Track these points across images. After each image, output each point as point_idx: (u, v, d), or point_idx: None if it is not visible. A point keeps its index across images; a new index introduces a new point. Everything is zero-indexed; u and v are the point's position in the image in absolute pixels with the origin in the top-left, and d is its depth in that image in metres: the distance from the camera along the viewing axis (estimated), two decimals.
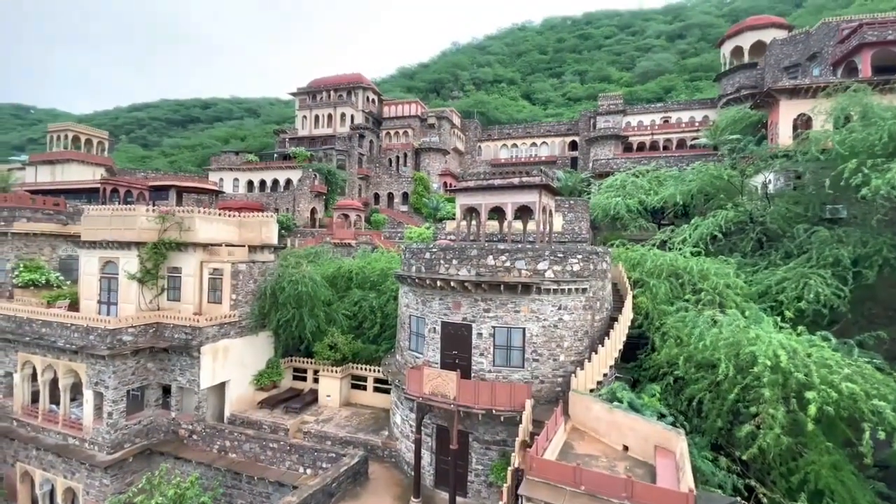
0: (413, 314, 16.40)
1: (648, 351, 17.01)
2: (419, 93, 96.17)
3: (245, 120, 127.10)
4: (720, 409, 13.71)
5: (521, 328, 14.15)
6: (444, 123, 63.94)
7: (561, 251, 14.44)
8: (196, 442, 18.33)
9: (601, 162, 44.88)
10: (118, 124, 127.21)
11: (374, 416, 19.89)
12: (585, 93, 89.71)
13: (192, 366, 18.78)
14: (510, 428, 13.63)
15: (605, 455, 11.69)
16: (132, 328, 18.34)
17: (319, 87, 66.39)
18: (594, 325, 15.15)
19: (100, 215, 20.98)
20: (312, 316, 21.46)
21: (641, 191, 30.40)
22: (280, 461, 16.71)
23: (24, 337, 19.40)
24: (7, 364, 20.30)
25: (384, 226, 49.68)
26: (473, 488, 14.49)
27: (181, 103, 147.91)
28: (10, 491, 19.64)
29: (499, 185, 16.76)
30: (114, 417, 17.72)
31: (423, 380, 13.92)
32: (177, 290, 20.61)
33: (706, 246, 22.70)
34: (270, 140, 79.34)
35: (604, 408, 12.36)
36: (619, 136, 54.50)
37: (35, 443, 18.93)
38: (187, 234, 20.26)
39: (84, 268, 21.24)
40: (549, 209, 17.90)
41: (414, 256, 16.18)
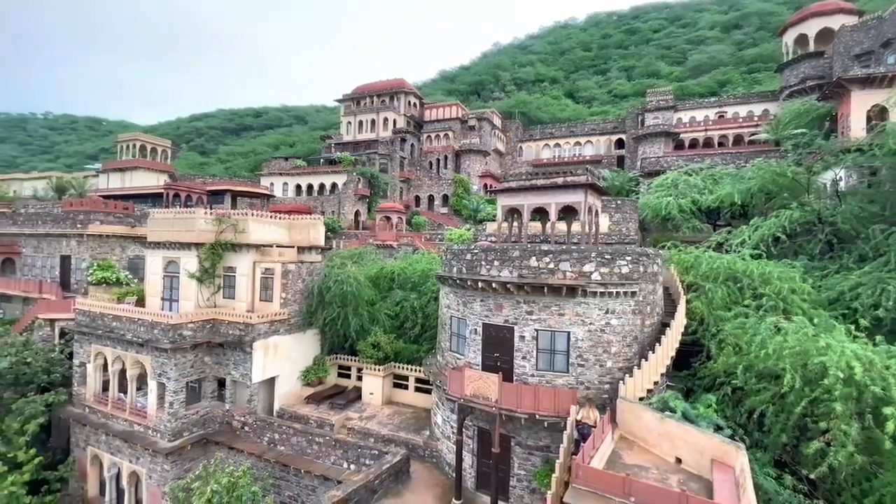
0: (454, 315, 16.37)
1: (703, 359, 16.06)
2: (460, 95, 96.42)
3: (294, 127, 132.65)
4: (785, 423, 12.69)
5: (565, 332, 13.76)
6: (485, 125, 63.74)
7: (608, 252, 13.92)
8: (248, 434, 19.20)
9: (650, 160, 43.03)
10: (179, 133, 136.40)
11: (416, 416, 20.04)
12: (632, 89, 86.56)
13: (245, 361, 19.72)
14: (554, 434, 13.28)
15: (656, 466, 11.12)
16: (191, 324, 19.51)
17: (363, 94, 68.15)
18: (644, 330, 14.48)
19: (163, 218, 22.52)
20: (356, 315, 21.97)
21: (695, 190, 28.86)
22: (325, 456, 17.17)
23: (97, 330, 21.09)
24: (82, 355, 22.13)
25: (425, 228, 50.14)
26: (515, 493, 14.24)
27: (235, 112, 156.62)
28: (81, 473, 21.38)
29: (542, 184, 16.43)
30: (174, 407, 18.91)
31: (465, 381, 13.84)
32: (231, 288, 21.72)
33: (768, 248, 21.19)
34: (317, 145, 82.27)
35: (655, 417, 11.76)
36: (669, 132, 52.08)
37: (104, 429, 20.51)
38: (241, 235, 21.32)
39: (149, 267, 22.85)
40: (596, 209, 17.34)
41: (455, 258, 16.16)
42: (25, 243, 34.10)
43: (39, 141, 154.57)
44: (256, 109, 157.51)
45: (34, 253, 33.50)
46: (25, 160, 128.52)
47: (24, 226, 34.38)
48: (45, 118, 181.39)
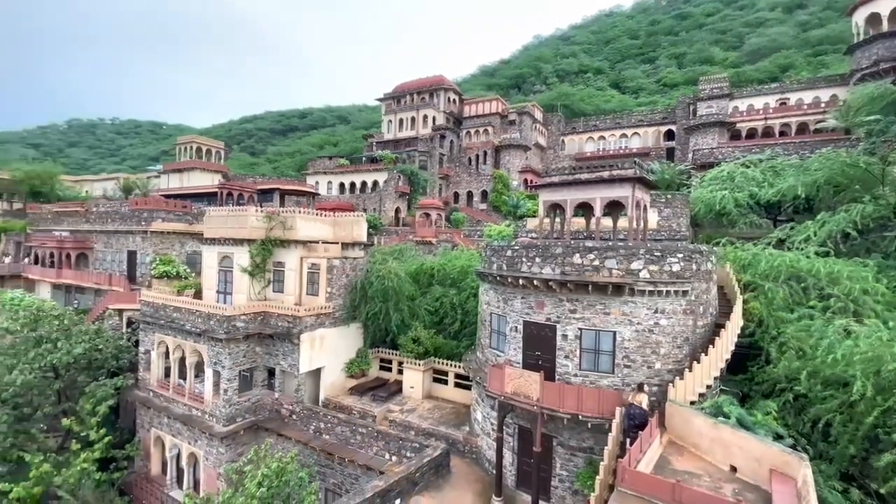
0: (494, 312, 16.27)
1: (762, 363, 15.09)
2: (500, 90, 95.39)
3: (337, 126, 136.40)
4: (854, 433, 11.73)
5: (611, 331, 13.33)
6: (525, 119, 62.75)
7: (658, 249, 13.34)
8: (295, 422, 20.03)
9: (703, 152, 40.79)
10: (231, 135, 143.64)
11: (455, 411, 20.14)
12: (683, 78, 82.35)
13: (293, 351, 20.56)
14: (598, 436, 12.95)
15: (708, 474, 10.58)
16: (244, 315, 20.55)
17: (403, 92, 68.89)
18: (696, 331, 13.79)
19: (218, 216, 23.81)
20: (397, 310, 22.34)
21: (753, 183, 27.00)
22: (368, 446, 17.62)
23: (160, 320, 22.65)
24: (146, 343, 23.86)
25: (464, 224, 50.13)
26: (557, 494, 14.02)
27: (282, 114, 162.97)
28: (145, 452, 23.10)
29: (586, 178, 15.94)
30: (228, 394, 20.03)
31: (505, 378, 13.75)
32: (280, 282, 22.69)
33: (836, 246, 19.57)
34: (359, 144, 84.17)
35: (707, 422, 11.19)
36: (724, 122, 49.21)
37: (166, 412, 22.04)
38: (289, 232, 22.19)
39: (205, 261, 24.27)
40: (644, 204, 16.63)
41: (495, 254, 16.03)
42: (97, 239, 37.16)
43: (107, 144, 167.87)
44: (302, 110, 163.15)
45: (104, 248, 36.44)
46: (95, 162, 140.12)
47: (95, 223, 37.48)
48: (112, 123, 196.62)
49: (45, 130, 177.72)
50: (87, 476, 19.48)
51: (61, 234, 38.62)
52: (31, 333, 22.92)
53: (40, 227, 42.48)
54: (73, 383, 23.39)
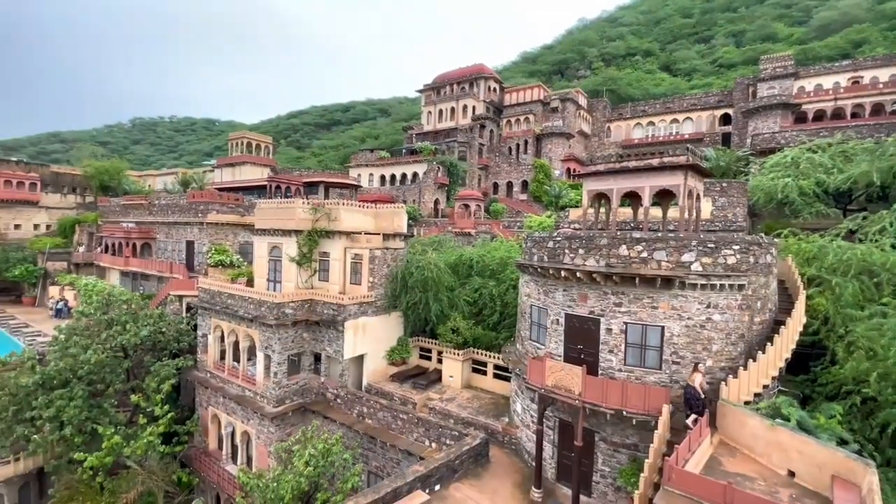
0: (534, 304, 16.06)
1: (826, 363, 14.07)
2: (542, 76, 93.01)
3: (378, 119, 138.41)
4: None
5: (658, 326, 12.82)
6: (569, 106, 60.85)
7: (712, 241, 12.62)
8: (340, 405, 20.79)
9: (764, 136, 37.93)
10: (278, 130, 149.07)
11: (494, 402, 20.18)
12: (742, 57, 76.93)
13: (338, 338, 21.29)
14: (642, 433, 12.56)
15: (763, 478, 10.04)
16: (292, 303, 21.46)
17: (443, 82, 68.67)
18: (752, 327, 13.00)
19: (267, 207, 24.89)
20: (437, 300, 22.56)
21: (820, 169, 24.88)
22: (409, 432, 18.02)
23: (216, 306, 24.06)
24: (204, 327, 25.44)
25: (503, 215, 49.65)
26: (599, 489, 13.78)
27: (326, 108, 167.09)
28: (203, 428, 24.76)
29: (634, 166, 15.26)
30: (278, 377, 21.07)
31: (546, 371, 13.56)
32: (326, 271, 23.51)
33: None
34: (400, 136, 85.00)
35: (763, 424, 10.58)
36: (788, 104, 45.61)
37: (222, 392, 23.49)
38: (334, 223, 22.88)
39: (257, 251, 25.50)
40: (697, 193, 15.74)
41: (536, 245, 15.76)
42: (159, 230, 39.89)
43: (167, 141, 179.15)
44: (344, 104, 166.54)
45: (166, 238, 39.07)
46: (156, 158, 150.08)
47: (157, 215, 40.23)
48: (170, 121, 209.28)
49: (112, 129, 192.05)
50: (152, 448, 21.18)
51: (128, 225, 41.77)
52: (103, 316, 25.00)
53: (109, 219, 46.12)
54: (139, 363, 25.38)
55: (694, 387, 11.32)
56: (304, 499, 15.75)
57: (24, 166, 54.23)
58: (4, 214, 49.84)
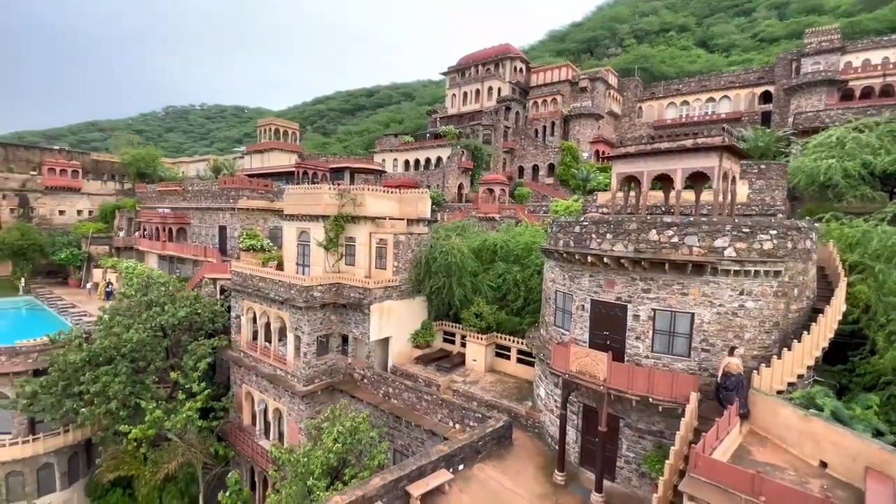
0: (559, 290, 15.93)
1: (865, 353, 13.48)
2: (570, 55, 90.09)
3: (402, 104, 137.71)
4: None
5: (688, 313, 12.52)
6: (598, 85, 59.00)
7: (747, 225, 12.15)
8: (366, 385, 21.38)
9: (807, 115, 35.80)
10: (304, 116, 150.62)
11: (518, 386, 20.31)
12: (785, 31, 72.49)
13: (364, 321, 21.78)
14: (669, 420, 12.43)
15: (794, 468, 9.82)
16: (320, 286, 22.03)
17: (468, 64, 67.49)
18: (788, 315, 12.56)
19: (295, 193, 25.42)
20: (460, 285, 22.67)
21: (867, 150, 23.35)
22: (433, 413, 18.41)
23: (248, 289, 24.92)
24: (237, 308, 26.44)
25: (528, 199, 48.98)
26: (623, 474, 13.79)
27: (350, 93, 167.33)
28: (238, 405, 25.96)
29: (666, 148, 14.74)
30: (307, 357, 21.79)
31: (570, 357, 13.52)
32: (352, 256, 23.95)
33: None
34: (424, 121, 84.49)
35: (796, 414, 10.29)
36: (834, 80, 42.87)
37: (254, 370, 24.49)
38: (359, 208, 23.18)
39: (286, 236, 26.16)
40: (733, 175, 15.11)
41: (561, 230, 15.55)
42: (193, 215, 41.34)
43: (198, 129, 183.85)
44: (368, 89, 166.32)
45: (199, 223, 40.48)
46: (189, 145, 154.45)
47: (191, 201, 41.65)
48: (201, 108, 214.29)
49: (146, 117, 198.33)
50: (191, 422, 22.42)
51: (164, 211, 43.47)
52: (143, 298, 26.32)
53: (147, 205, 48.10)
54: (178, 342, 26.68)
55: (732, 373, 11.13)
56: (333, 473, 16.40)
57: (67, 154, 56.96)
58: (49, 201, 52.64)
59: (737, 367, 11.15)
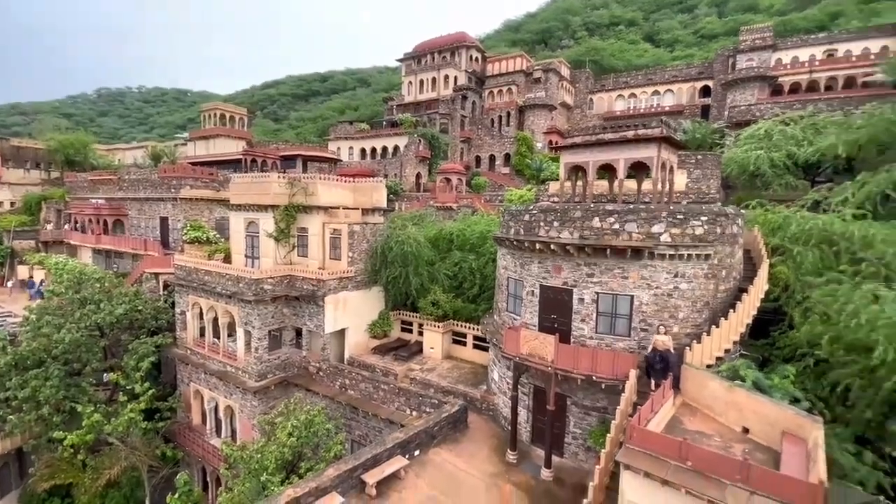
0: (511, 276, 16.37)
1: (785, 328, 14.85)
2: (525, 46, 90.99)
3: (358, 90, 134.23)
4: (872, 398, 11.60)
5: (628, 295, 13.27)
6: (551, 76, 60.16)
7: (681, 212, 12.97)
8: (322, 378, 21.12)
9: (740, 109, 38.39)
10: (254, 101, 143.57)
11: (473, 371, 20.76)
12: (724, 28, 76.72)
13: (318, 313, 21.40)
14: (611, 396, 13.18)
15: (720, 435, 10.73)
16: (271, 279, 21.38)
17: (424, 51, 66.75)
18: (717, 295, 13.58)
19: (242, 182, 24.38)
20: (417, 274, 22.73)
21: (792, 141, 25.48)
22: (390, 402, 18.51)
23: (193, 283, 23.79)
24: (181, 304, 25.20)
25: (485, 189, 49.55)
26: (570, 450, 14.52)
27: (303, 78, 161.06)
28: (186, 404, 24.90)
29: (609, 139, 15.35)
30: (259, 352, 21.18)
31: (521, 340, 13.99)
32: (305, 247, 23.36)
33: (875, 208, 18.53)
34: (380, 108, 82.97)
35: (722, 385, 11.23)
36: (765, 76, 45.98)
37: (203, 368, 23.54)
38: (311, 197, 22.58)
39: (233, 227, 25.10)
40: (671, 165, 15.99)
41: (513, 219, 15.95)
42: (130, 206, 38.72)
43: (136, 113, 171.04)
44: (322, 74, 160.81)
45: (138, 215, 37.99)
46: (126, 131, 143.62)
47: (128, 191, 38.94)
48: (139, 91, 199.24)
49: (76, 100, 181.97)
50: (134, 425, 21.28)
51: (97, 202, 40.37)
52: (76, 295, 24.50)
53: (77, 196, 44.46)
54: (117, 341, 25.13)
55: (657, 349, 11.91)
56: (289, 468, 16.15)
57: None
58: None
59: (663, 344, 11.96)
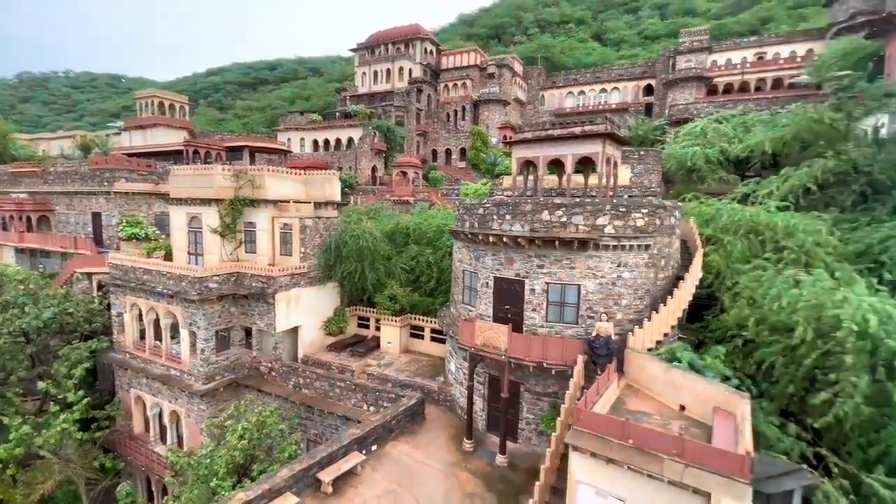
0: (466, 269, 16.60)
1: (717, 312, 15.99)
2: (479, 40, 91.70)
3: (309, 80, 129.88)
4: (794, 374, 12.75)
5: (576, 285, 13.85)
6: (505, 72, 61.01)
7: (623, 205, 13.65)
8: (274, 378, 20.51)
9: (679, 107, 40.70)
10: (196, 89, 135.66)
11: (431, 363, 20.92)
12: (666, 30, 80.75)
13: (269, 311, 20.71)
14: (562, 381, 13.73)
15: (660, 413, 11.47)
16: (216, 276, 20.42)
17: (378, 41, 65.59)
18: (657, 283, 14.43)
19: (183, 175, 23.02)
20: (373, 269, 22.50)
21: (724, 139, 27.32)
22: (346, 398, 18.30)
23: (131, 283, 22.31)
24: (118, 305, 23.60)
25: (442, 183, 49.68)
26: (524, 435, 15.01)
27: (250, 66, 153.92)
28: (126, 411, 23.43)
29: (558, 135, 15.89)
30: (205, 353, 20.24)
31: (476, 331, 14.26)
32: (253, 243, 22.45)
33: (797, 200, 20.27)
34: (333, 98, 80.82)
35: (661, 367, 11.99)
36: (702, 77, 48.93)
37: (144, 372, 22.20)
38: (259, 191, 21.71)
39: (174, 222, 23.69)
40: (615, 161, 16.78)
41: (467, 212, 16.15)
42: (58, 201, 35.59)
43: (63, 100, 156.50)
44: (271, 62, 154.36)
45: (67, 210, 35.01)
46: (51, 119, 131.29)
47: (55, 184, 35.75)
48: (66, 76, 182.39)
49: None
50: (67, 436, 19.80)
51: (19, 196, 36.80)
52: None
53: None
54: (45, 347, 23.23)
55: (600, 335, 12.52)
56: (241, 471, 15.64)
57: None
58: None
59: (606, 330, 12.63)
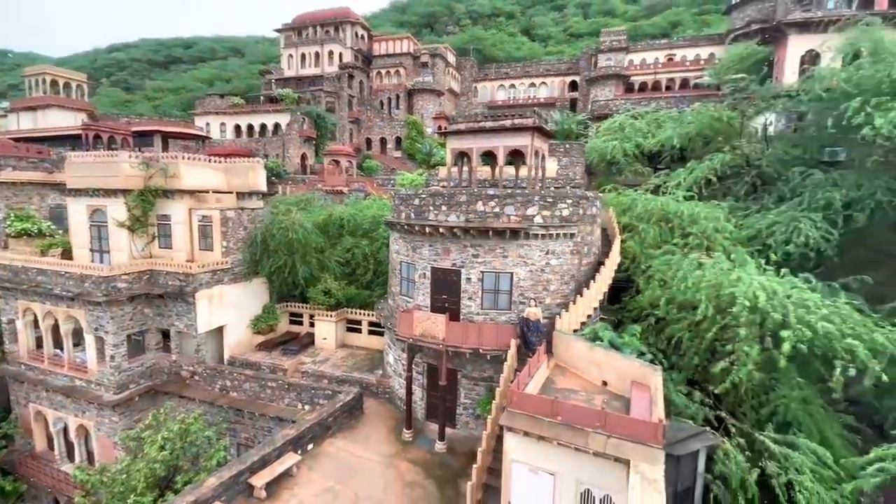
0: (403, 260, 16.55)
1: (633, 293, 17.41)
2: (412, 28, 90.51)
3: (230, 60, 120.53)
4: (698, 347, 14.27)
5: (508, 273, 14.36)
6: (439, 62, 60.93)
7: (550, 196, 14.33)
8: (198, 382, 19.16)
9: (600, 103, 43.30)
10: (97, 66, 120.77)
11: (370, 357, 20.70)
12: (588, 28, 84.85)
13: (189, 311, 19.22)
14: (496, 366, 14.23)
15: (585, 390, 12.30)
16: (126, 275, 18.54)
17: (305, 23, 62.38)
18: (581, 269, 15.37)
19: (83, 162, 20.53)
20: (305, 263, 21.65)
21: (639, 134, 29.62)
22: (279, 398, 17.58)
23: (22, 285, 19.64)
24: (9, 311, 20.73)
25: (377, 172, 48.81)
26: (462, 420, 15.41)
27: (161, 42, 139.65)
28: (26, 429, 20.81)
29: (490, 127, 16.23)
30: (116, 360, 18.39)
31: (414, 322, 14.33)
32: (168, 237, 20.62)
33: (700, 190, 22.54)
34: (257, 81, 75.82)
35: (585, 346, 12.84)
36: (620, 75, 52.20)
37: (43, 385, 19.77)
38: (172, 180, 19.94)
39: (73, 216, 21.10)
40: (542, 153, 17.51)
41: (403, 203, 16.06)
42: None
43: None
44: (186, 39, 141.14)
45: None
46: None
47: None
48: None
49: None
50: None
51: None
52: None
53: None
54: None
55: (530, 319, 13.17)
56: (163, 484, 14.55)
57: None
58: None
59: (535, 315, 13.32)
